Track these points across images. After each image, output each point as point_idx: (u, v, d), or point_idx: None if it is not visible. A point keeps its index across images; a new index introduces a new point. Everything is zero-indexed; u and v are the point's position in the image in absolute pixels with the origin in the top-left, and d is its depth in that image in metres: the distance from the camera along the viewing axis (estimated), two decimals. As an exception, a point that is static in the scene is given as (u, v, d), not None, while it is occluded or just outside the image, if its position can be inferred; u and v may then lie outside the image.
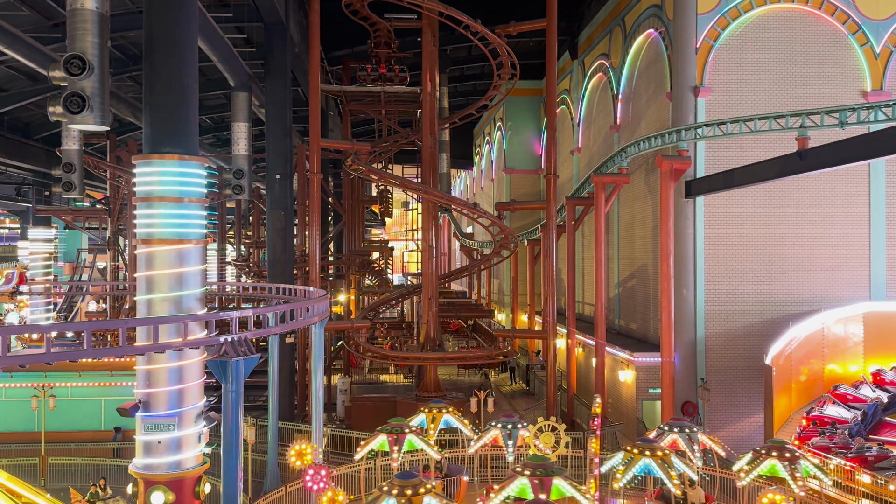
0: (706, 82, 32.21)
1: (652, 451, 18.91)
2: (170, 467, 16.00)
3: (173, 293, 16.14)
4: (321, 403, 23.31)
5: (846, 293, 31.58)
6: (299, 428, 30.52)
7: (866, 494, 22.76)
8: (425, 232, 37.07)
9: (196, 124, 17.50)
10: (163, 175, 16.31)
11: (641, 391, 33.09)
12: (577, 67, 49.54)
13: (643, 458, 18.78)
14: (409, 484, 16.05)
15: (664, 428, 22.00)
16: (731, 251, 32.27)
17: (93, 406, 31.73)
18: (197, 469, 16.37)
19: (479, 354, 36.95)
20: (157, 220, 16.28)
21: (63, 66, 16.99)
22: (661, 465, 18.65)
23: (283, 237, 36.89)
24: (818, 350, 30.35)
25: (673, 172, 31.07)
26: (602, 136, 44.60)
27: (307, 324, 20.33)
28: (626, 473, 18.80)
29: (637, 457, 18.94)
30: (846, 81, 32.19)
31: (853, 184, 32.07)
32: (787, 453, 18.98)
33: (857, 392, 28.49)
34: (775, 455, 18.95)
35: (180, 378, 16.09)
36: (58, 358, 13.85)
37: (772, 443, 19.86)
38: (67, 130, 39.53)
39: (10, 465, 24.91)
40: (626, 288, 40.41)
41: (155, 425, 16.00)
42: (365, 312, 42.30)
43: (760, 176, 27.61)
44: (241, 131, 36.09)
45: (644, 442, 19.92)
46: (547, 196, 36.77)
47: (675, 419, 24.08)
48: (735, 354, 31.65)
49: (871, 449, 24.72)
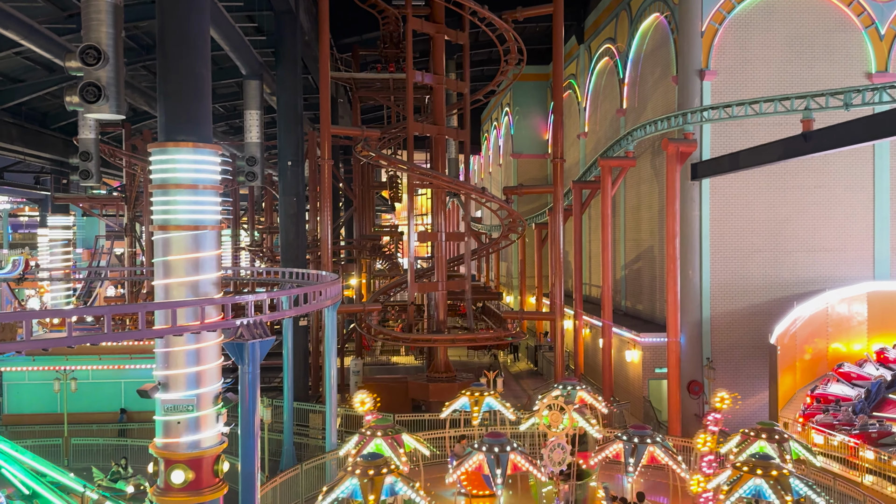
0: (712, 65, 31.97)
1: (765, 471, 16.40)
2: (189, 447, 16.12)
3: (190, 278, 16.23)
4: (335, 384, 23.51)
5: (850, 273, 31.47)
6: (314, 408, 30.81)
7: (869, 470, 22.85)
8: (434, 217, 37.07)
9: (209, 112, 17.52)
10: (177, 162, 16.34)
11: (648, 371, 33.18)
12: (584, 52, 49.23)
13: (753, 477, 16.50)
14: (372, 465, 16.49)
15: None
16: (737, 232, 32.18)
17: (113, 388, 32.05)
18: (216, 448, 16.50)
19: (488, 336, 37.05)
20: (172, 207, 16.33)
21: (79, 57, 17.04)
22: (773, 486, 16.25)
23: (295, 223, 37.01)
24: (822, 329, 30.29)
25: (679, 155, 30.94)
26: (608, 120, 44.41)
27: (320, 307, 20.46)
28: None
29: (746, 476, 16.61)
30: (851, 63, 31.88)
31: (858, 165, 31.86)
32: (776, 435, 19.01)
33: (860, 370, 28.48)
34: (764, 437, 19.00)
35: (198, 360, 16.20)
36: (79, 341, 13.97)
37: (761, 425, 19.87)
38: (84, 119, 39.71)
39: (34, 446, 25.18)
40: (632, 270, 40.39)
41: (174, 406, 16.13)
42: (376, 295, 42.49)
43: (765, 158, 27.45)
44: (253, 119, 36.14)
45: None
46: (554, 180, 36.68)
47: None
48: (740, 334, 31.66)
49: (874, 426, 24.77)
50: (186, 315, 15.58)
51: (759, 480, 16.10)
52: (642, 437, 19.48)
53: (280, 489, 20.38)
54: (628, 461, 19.13)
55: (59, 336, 15.58)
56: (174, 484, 15.94)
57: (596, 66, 46.51)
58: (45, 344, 14.72)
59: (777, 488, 15.90)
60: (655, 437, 19.66)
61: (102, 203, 57.06)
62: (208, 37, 17.50)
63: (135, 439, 27.33)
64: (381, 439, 19.19)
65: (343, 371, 39.54)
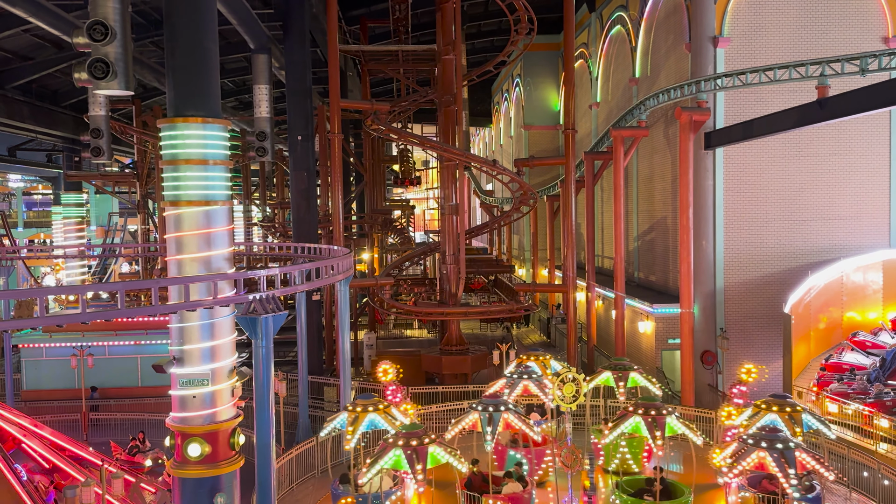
0: (726, 32, 31.53)
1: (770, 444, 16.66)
2: (205, 420, 16.33)
3: (202, 253, 16.32)
4: (348, 358, 23.69)
5: (866, 241, 31.22)
6: (328, 381, 31.08)
7: (884, 439, 22.86)
8: (445, 190, 36.97)
9: (218, 87, 17.49)
10: (187, 138, 16.37)
11: (661, 341, 33.18)
12: (595, 20, 48.61)
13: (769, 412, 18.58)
14: (414, 436, 16.54)
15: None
16: (751, 202, 31.94)
17: (129, 363, 32.49)
18: (231, 421, 16.70)
19: (501, 308, 37.13)
20: (183, 182, 16.38)
21: (86, 33, 16.97)
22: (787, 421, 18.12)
23: (306, 198, 37.07)
24: (837, 298, 30.16)
25: (692, 124, 30.63)
26: (621, 89, 43.95)
27: (332, 281, 20.54)
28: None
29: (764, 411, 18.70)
30: (867, 28, 31.35)
31: (874, 132, 31.47)
32: (788, 407, 18.62)
33: (875, 339, 28.40)
34: (776, 409, 18.59)
35: (212, 335, 16.35)
36: (93, 317, 14.12)
37: (773, 397, 19.54)
38: (94, 96, 39.68)
39: (53, 421, 25.63)
40: (645, 241, 40.23)
41: (189, 380, 16.32)
42: (388, 270, 42.62)
43: (780, 126, 27.13)
44: (262, 94, 35.99)
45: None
46: (566, 151, 36.46)
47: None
48: (754, 304, 31.56)
49: (889, 394, 24.76)
50: (200, 290, 15.70)
51: (762, 453, 16.15)
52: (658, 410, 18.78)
53: (296, 461, 20.63)
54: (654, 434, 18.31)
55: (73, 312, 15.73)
56: (191, 457, 16.18)
57: (608, 35, 45.95)
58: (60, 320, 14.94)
59: (781, 462, 15.99)
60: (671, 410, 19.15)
61: (115, 180, 57.36)
62: (215, 11, 17.42)
63: (151, 413, 27.68)
64: (400, 450, 16.30)
65: (357, 345, 39.81)
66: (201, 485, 16.18)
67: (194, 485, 16.22)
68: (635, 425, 17.84)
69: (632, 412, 18.15)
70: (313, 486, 20.62)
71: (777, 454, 15.85)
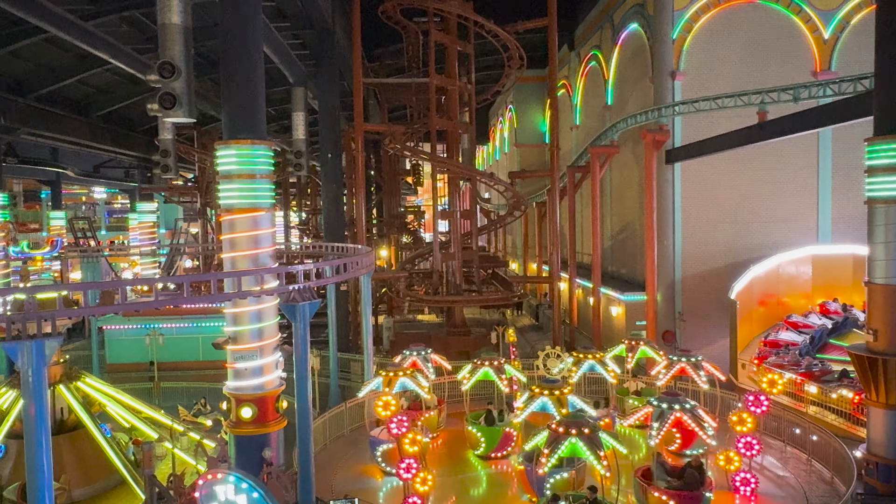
0: (682, 67, 31.54)
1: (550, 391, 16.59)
2: (255, 388, 16.42)
3: (251, 251, 16.44)
4: (370, 338, 23.73)
5: (798, 240, 31.17)
6: (354, 357, 31.16)
7: (813, 402, 22.90)
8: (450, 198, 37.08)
9: (264, 115, 17.59)
10: (238, 156, 16.43)
11: (630, 323, 33.22)
12: (575, 57, 48.56)
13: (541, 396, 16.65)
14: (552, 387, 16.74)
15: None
16: (703, 207, 31.96)
17: (193, 343, 32.67)
18: (276, 389, 16.77)
19: (497, 297, 37.19)
20: (235, 193, 16.44)
21: (157, 71, 17.11)
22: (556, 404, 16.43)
23: (335, 205, 37.26)
24: (774, 286, 30.14)
25: (655, 143, 30.75)
26: (596, 114, 43.90)
27: (357, 274, 20.61)
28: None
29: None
30: (799, 63, 31.33)
31: (804, 149, 31.40)
32: (556, 391, 16.78)
33: (806, 320, 28.38)
34: (546, 393, 16.66)
35: (259, 318, 16.45)
36: (163, 304, 14.31)
37: (543, 381, 17.68)
38: (163, 123, 39.81)
39: (130, 389, 25.81)
40: (617, 240, 40.23)
41: (242, 356, 16.44)
42: (403, 265, 42.74)
43: (727, 145, 27.23)
44: (299, 119, 36.12)
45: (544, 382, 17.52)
46: (551, 165, 36.50)
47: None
48: (706, 291, 31.53)
49: (817, 366, 24.80)
50: (249, 282, 15.83)
51: (678, 413, 15.21)
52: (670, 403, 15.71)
53: (328, 423, 20.71)
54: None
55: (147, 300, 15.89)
56: (244, 418, 16.31)
57: (585, 69, 45.90)
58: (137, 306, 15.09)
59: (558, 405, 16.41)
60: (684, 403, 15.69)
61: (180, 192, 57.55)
62: (262, 52, 17.54)
63: (211, 382, 27.82)
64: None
65: (377, 327, 39.89)
66: (252, 441, 16.28)
67: (247, 441, 16.34)
68: (571, 446, 13.79)
69: (563, 433, 13.94)
70: (343, 442, 20.74)
71: (689, 414, 15.21)
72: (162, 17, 17.25)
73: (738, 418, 15.75)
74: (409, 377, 18.86)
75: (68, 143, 45.45)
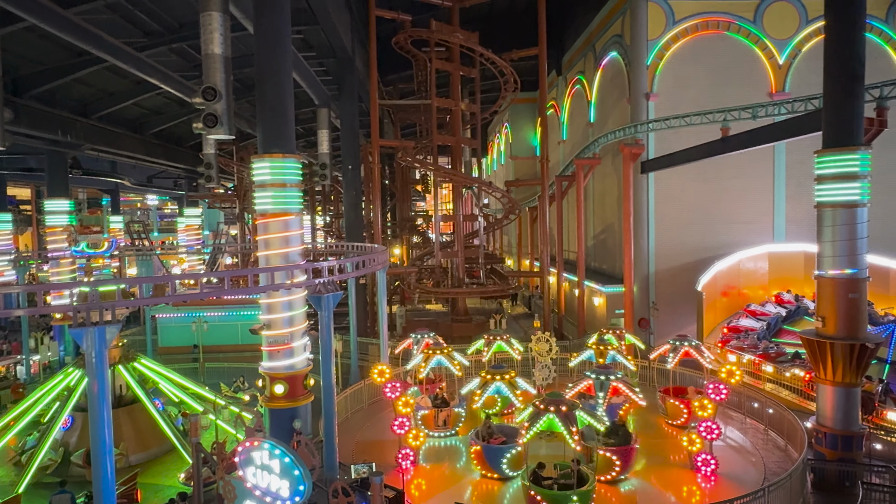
0: (655, 89, 31.40)
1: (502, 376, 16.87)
2: (286, 368, 16.50)
3: (282, 250, 16.50)
4: (385, 325, 23.72)
5: (756, 239, 31.10)
6: (371, 341, 31.18)
7: (769, 380, 22.83)
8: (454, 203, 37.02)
9: (293, 132, 17.62)
10: (272, 168, 16.50)
11: (610, 311, 33.18)
12: (562, 81, 48.42)
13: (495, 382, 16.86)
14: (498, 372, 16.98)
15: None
16: (674, 211, 31.86)
17: (233, 329, 32.74)
18: (304, 369, 16.85)
19: (495, 289, 37.13)
20: (269, 199, 16.52)
21: (201, 95, 17.18)
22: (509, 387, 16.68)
23: (355, 210, 37.24)
24: (735, 279, 30.05)
25: (632, 156, 30.64)
26: (580, 130, 43.81)
27: (374, 270, 20.63)
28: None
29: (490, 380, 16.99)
30: (757, 85, 31.20)
31: (762, 160, 31.28)
32: (507, 375, 17.21)
33: (763, 308, 28.29)
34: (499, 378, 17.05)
35: (290, 308, 16.52)
36: (207, 295, 14.37)
37: (493, 367, 17.75)
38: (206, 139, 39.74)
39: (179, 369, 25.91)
40: (599, 239, 40.15)
41: (275, 339, 16.52)
42: (413, 262, 42.71)
43: (695, 156, 27.12)
44: (323, 136, 36.15)
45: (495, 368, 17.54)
46: (542, 175, 36.42)
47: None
48: (677, 284, 31.46)
49: (773, 348, 24.70)
50: (281, 276, 15.90)
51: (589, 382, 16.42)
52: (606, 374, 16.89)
53: (350, 398, 20.78)
54: (598, 395, 16.71)
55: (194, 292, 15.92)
56: (277, 394, 16.39)
57: (571, 91, 45.77)
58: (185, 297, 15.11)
59: (512, 387, 16.68)
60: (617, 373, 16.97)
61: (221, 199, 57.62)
62: (291, 78, 17.58)
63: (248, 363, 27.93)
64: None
65: (391, 315, 39.94)
66: (284, 413, 16.37)
67: (279, 413, 16.42)
68: (549, 421, 13.50)
69: (543, 409, 13.72)
70: (362, 415, 20.81)
71: (622, 382, 16.40)
72: (205, 48, 17.31)
73: (700, 404, 15.35)
74: (445, 355, 19.09)
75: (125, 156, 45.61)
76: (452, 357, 19.13)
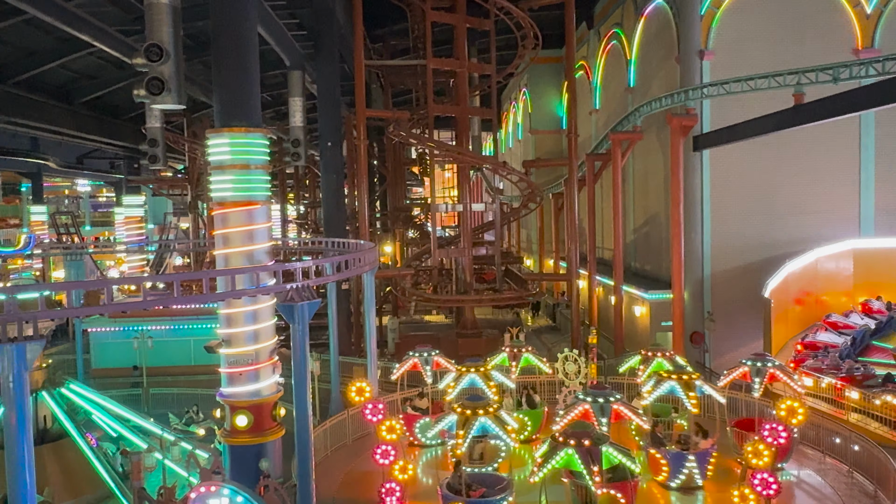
0: (711, 46, 31.33)
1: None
2: (250, 395, 16.58)
3: (245, 247, 16.55)
4: (374, 341, 23.77)
5: (837, 233, 30.86)
6: (356, 361, 31.23)
7: (855, 409, 22.74)
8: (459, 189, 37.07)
9: (258, 100, 17.68)
10: (232, 145, 16.55)
11: (655, 324, 33.13)
12: (594, 36, 48.35)
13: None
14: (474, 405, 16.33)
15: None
16: (734, 198, 31.76)
17: (184, 346, 32.83)
18: (273, 396, 16.92)
19: (510, 296, 37.17)
20: (228, 185, 16.58)
21: (144, 54, 17.20)
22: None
23: (335, 197, 37.35)
24: (812, 283, 29.94)
25: (682, 129, 30.58)
26: (617, 97, 43.73)
27: (359, 272, 20.64)
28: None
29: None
30: (839, 41, 31.00)
31: (845, 134, 31.07)
32: (685, 375, 17.30)
33: (846, 320, 28.17)
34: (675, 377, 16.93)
35: (255, 320, 16.58)
36: (151, 304, 14.43)
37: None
38: (150, 110, 40.10)
39: (118, 395, 26.02)
40: (640, 233, 40.09)
41: (236, 360, 16.57)
42: (409, 262, 42.79)
43: (760, 130, 27.01)
44: (296, 105, 36.25)
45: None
46: (569, 153, 36.43)
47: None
48: (737, 289, 31.33)
49: (859, 369, 24.60)
50: (244, 280, 15.90)
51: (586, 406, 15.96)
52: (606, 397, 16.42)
53: (330, 431, 20.77)
54: (600, 420, 16.14)
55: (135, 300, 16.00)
56: (239, 427, 16.46)
57: (605, 49, 45.71)
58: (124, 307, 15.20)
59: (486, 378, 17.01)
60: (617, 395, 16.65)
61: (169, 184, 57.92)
62: (256, 34, 17.61)
63: (204, 388, 27.99)
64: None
65: (381, 329, 39.97)
66: (248, 452, 16.44)
67: (242, 451, 16.50)
68: (567, 457, 13.36)
69: (562, 443, 13.65)
70: (345, 453, 20.80)
71: (623, 405, 16.08)
72: (149, -5, 17.35)
73: (754, 450, 14.20)
74: (481, 375, 18.93)
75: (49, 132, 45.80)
76: (489, 377, 18.65)
